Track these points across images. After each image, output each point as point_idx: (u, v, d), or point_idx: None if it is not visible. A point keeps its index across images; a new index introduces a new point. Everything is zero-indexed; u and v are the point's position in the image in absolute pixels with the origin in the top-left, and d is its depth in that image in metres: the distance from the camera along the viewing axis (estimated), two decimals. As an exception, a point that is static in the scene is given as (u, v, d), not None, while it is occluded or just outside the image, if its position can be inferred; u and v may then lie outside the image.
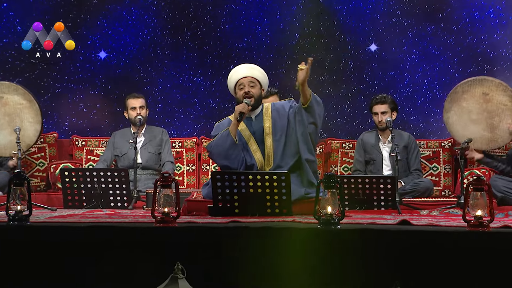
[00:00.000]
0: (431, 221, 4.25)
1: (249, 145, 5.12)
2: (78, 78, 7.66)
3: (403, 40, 7.49)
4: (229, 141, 5.00)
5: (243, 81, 5.15)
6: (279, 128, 5.12)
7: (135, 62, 7.68)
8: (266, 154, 5.10)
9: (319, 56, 7.55)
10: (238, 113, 5.01)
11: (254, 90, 5.14)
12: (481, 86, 5.79)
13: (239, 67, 5.25)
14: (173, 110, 7.69)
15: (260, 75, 5.20)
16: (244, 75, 5.16)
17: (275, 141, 5.09)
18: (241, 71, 5.20)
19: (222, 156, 5.02)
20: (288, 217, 4.43)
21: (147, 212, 5.02)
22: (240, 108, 5.03)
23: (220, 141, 5.02)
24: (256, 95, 5.14)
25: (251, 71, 5.20)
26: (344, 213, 3.89)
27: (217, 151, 5.05)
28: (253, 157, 5.09)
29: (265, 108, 5.24)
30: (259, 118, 5.19)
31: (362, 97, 7.49)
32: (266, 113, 5.20)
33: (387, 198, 5.47)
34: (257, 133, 5.15)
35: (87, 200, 5.72)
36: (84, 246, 3.77)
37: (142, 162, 6.70)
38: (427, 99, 7.44)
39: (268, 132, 5.14)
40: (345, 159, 7.05)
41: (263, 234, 3.76)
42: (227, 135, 5.01)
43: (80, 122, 7.65)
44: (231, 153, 5.00)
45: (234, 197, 4.62)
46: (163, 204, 3.92)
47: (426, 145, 6.98)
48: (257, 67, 5.24)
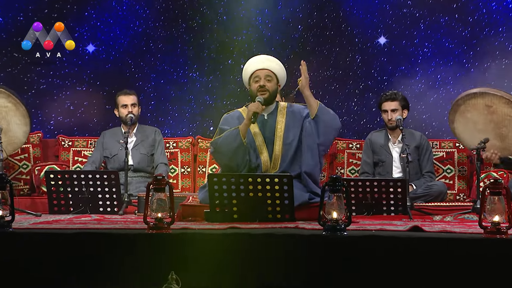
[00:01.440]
0: (445, 228, 4.25)
1: (257, 144, 5.10)
2: (64, 73, 7.66)
3: (414, 32, 7.49)
4: (237, 142, 4.97)
5: (259, 73, 5.12)
6: (291, 132, 5.10)
7: (126, 56, 7.68)
8: (273, 156, 5.09)
9: (324, 49, 7.55)
10: (252, 113, 4.96)
11: (270, 84, 5.11)
12: (482, 98, 5.80)
13: (256, 58, 5.21)
14: (166, 107, 7.69)
15: (278, 69, 5.16)
16: (261, 67, 5.13)
17: (285, 145, 5.08)
18: (257, 62, 5.16)
19: (227, 156, 5.01)
20: (290, 223, 4.43)
21: (139, 218, 5.01)
22: (253, 107, 4.98)
23: (228, 140, 4.99)
24: (271, 90, 5.11)
25: (269, 63, 5.15)
26: (350, 219, 3.89)
27: (223, 150, 5.02)
28: (259, 157, 5.07)
29: (281, 107, 5.21)
30: (272, 117, 5.17)
31: (370, 94, 7.49)
32: (281, 113, 5.18)
33: (397, 202, 5.47)
34: (268, 133, 5.13)
35: (74, 205, 5.72)
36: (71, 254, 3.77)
37: (133, 164, 6.70)
38: (440, 96, 7.44)
39: (280, 134, 5.11)
40: (352, 161, 7.05)
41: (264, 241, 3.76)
42: (236, 135, 4.98)
43: (66, 121, 7.65)
44: (237, 154, 4.99)
45: (233, 202, 4.62)
46: (156, 209, 3.92)
47: (439, 146, 6.98)
48: (275, 60, 5.20)
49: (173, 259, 3.74)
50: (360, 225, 4.36)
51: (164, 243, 3.80)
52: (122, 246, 3.80)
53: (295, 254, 3.72)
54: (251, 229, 4.06)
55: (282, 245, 3.75)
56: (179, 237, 3.84)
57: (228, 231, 3.96)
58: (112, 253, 3.77)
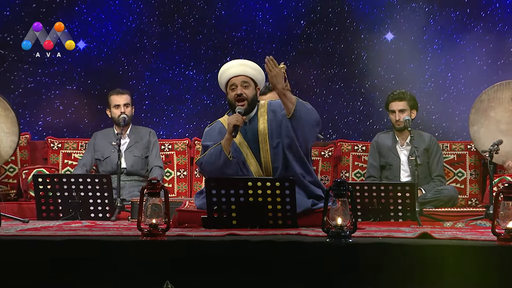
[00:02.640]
0: (456, 235, 4.26)
1: (244, 155, 5.04)
2: (53, 71, 7.66)
3: (423, 28, 7.49)
4: (222, 158, 4.92)
5: (234, 80, 5.06)
6: (276, 132, 5.02)
7: (119, 53, 7.68)
8: (263, 164, 5.03)
9: (328, 46, 7.56)
10: (232, 127, 4.88)
11: (248, 91, 5.05)
12: (509, 89, 5.77)
13: (229, 64, 5.14)
14: (162, 107, 7.69)
15: (254, 73, 5.10)
16: (236, 73, 5.07)
17: (272, 149, 5.01)
18: (232, 69, 5.09)
19: (215, 173, 4.93)
20: (293, 230, 4.44)
21: (133, 224, 5.01)
22: (233, 121, 4.90)
23: (212, 159, 4.95)
24: (249, 97, 5.04)
25: (243, 68, 5.09)
26: (356, 225, 3.90)
27: (210, 169, 4.98)
28: (249, 169, 5.02)
29: (260, 106, 5.14)
30: (254, 120, 5.11)
31: (377, 93, 7.49)
32: (261, 115, 5.11)
33: (405, 208, 5.47)
34: (252, 139, 5.06)
35: (64, 211, 5.72)
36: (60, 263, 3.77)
37: (126, 167, 6.70)
38: (451, 95, 7.45)
39: (264, 138, 5.04)
40: (357, 164, 7.05)
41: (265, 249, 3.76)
42: (220, 152, 4.92)
43: (55, 122, 7.65)
44: (225, 170, 4.93)
45: (232, 207, 4.63)
46: (151, 215, 3.92)
47: (450, 148, 6.98)
48: (250, 63, 5.13)
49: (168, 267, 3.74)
50: (366, 232, 4.36)
51: (159, 251, 3.80)
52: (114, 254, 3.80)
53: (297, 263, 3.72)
54: (251, 236, 4.06)
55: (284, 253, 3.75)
56: (174, 244, 3.84)
57: (226, 238, 3.97)
58: (104, 261, 3.78)
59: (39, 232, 4.39)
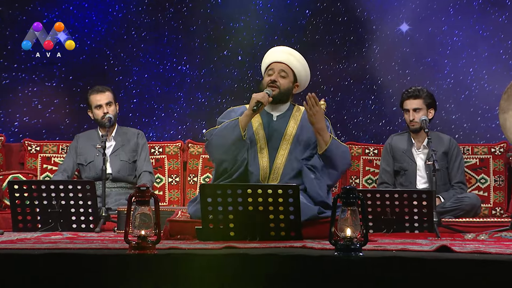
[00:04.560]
0: (478, 248, 4.25)
1: (258, 147, 5.13)
2: (31, 66, 7.67)
3: (442, 18, 7.50)
4: (235, 134, 5.01)
5: (274, 66, 5.20)
6: (304, 140, 5.15)
7: (104, 46, 7.70)
8: (274, 165, 5.11)
9: (336, 39, 7.57)
10: (255, 102, 5.01)
11: (283, 81, 5.17)
12: None
13: (276, 48, 5.29)
14: (151, 106, 7.70)
15: (297, 66, 5.21)
16: (278, 59, 5.20)
17: (290, 155, 5.12)
18: (276, 53, 5.24)
19: (222, 150, 5.04)
20: (297, 242, 4.44)
21: (119, 236, 5.02)
22: (258, 96, 5.04)
23: (225, 132, 5.03)
24: (283, 87, 5.16)
25: (288, 57, 5.22)
26: (367, 237, 3.90)
27: (218, 142, 5.05)
28: (257, 163, 5.09)
29: (296, 110, 5.26)
30: (282, 120, 5.21)
31: (390, 91, 7.51)
32: (294, 118, 5.22)
33: (422, 218, 5.48)
34: (274, 136, 5.16)
35: (43, 221, 5.73)
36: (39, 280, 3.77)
37: (112, 173, 6.71)
38: (473, 93, 7.46)
39: (288, 141, 5.15)
40: (368, 169, 7.06)
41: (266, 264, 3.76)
42: (234, 126, 5.02)
43: (33, 122, 7.66)
44: (234, 149, 5.02)
45: (229, 217, 4.63)
46: (139, 226, 3.92)
47: (471, 151, 6.99)
48: (297, 55, 5.24)
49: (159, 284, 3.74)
50: (379, 245, 4.36)
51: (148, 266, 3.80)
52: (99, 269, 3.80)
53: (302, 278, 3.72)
54: (250, 249, 4.06)
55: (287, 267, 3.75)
56: (166, 258, 3.84)
57: (223, 252, 3.97)
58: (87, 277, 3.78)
59: (15, 245, 4.39)
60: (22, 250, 4.08)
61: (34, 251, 3.96)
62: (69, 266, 3.81)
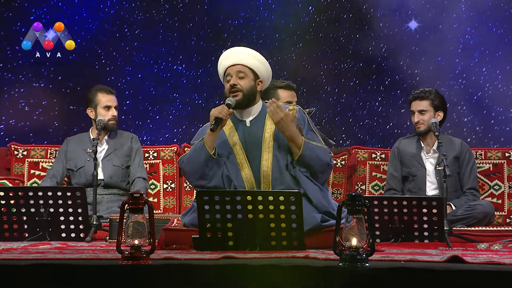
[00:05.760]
0: (492, 258, 4.26)
1: (237, 159, 5.09)
2: (17, 66, 7.68)
3: (453, 14, 7.51)
4: (203, 156, 4.97)
5: (229, 70, 5.14)
6: (284, 144, 5.08)
7: (95, 45, 7.70)
8: (261, 173, 5.05)
9: (341, 36, 7.57)
10: (213, 119, 4.94)
11: (243, 82, 5.09)
12: None
13: (226, 53, 5.22)
14: (145, 108, 7.71)
15: (252, 62, 5.14)
16: (231, 62, 5.14)
17: (275, 159, 5.06)
18: (227, 57, 5.18)
19: (197, 175, 5.02)
20: (299, 252, 4.44)
21: (111, 246, 5.02)
22: (215, 112, 4.96)
23: (194, 156, 5.02)
24: (245, 88, 5.09)
25: (239, 57, 5.15)
26: (374, 247, 3.90)
27: (190, 168, 5.05)
28: (239, 175, 5.06)
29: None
30: (257, 123, 5.15)
31: (398, 92, 7.51)
32: (269, 118, 5.12)
33: (431, 226, 5.48)
34: (251, 144, 5.10)
35: (30, 230, 5.72)
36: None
37: (104, 179, 6.71)
38: (486, 94, 7.47)
39: (268, 144, 5.09)
40: (375, 175, 7.06)
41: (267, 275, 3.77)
42: (201, 148, 4.99)
43: (20, 125, 7.66)
44: (207, 171, 4.99)
45: (227, 225, 4.63)
46: (133, 235, 3.93)
47: (484, 156, 6.99)
48: (248, 51, 5.18)
49: (153, 297, 3.75)
50: (386, 255, 4.37)
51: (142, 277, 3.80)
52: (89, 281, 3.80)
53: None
54: (250, 259, 4.07)
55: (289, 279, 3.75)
56: (160, 269, 3.84)
57: (221, 262, 3.97)
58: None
59: (0, 256, 4.39)
60: (8, 260, 4.08)
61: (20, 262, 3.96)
62: (58, 278, 3.81)
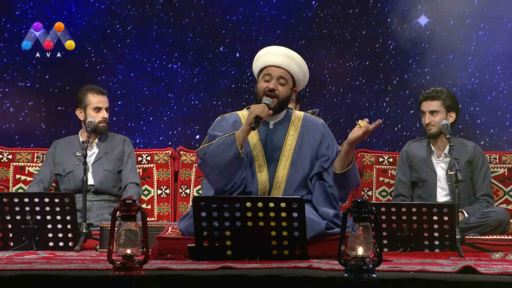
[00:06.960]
0: (507, 269, 4.26)
1: (255, 160, 5.12)
2: (2, 64, 7.68)
3: (465, 9, 7.51)
4: (232, 153, 4.98)
5: (271, 71, 5.15)
6: (305, 150, 5.14)
7: (85, 42, 7.71)
8: (275, 179, 5.09)
9: (346, 33, 7.58)
10: (254, 116, 4.98)
11: (283, 89, 5.13)
12: None
13: (273, 50, 5.23)
14: (138, 109, 7.71)
15: (297, 71, 5.18)
16: (277, 63, 5.15)
17: (294, 166, 5.11)
18: (274, 56, 5.18)
19: (218, 170, 5.03)
20: (302, 262, 4.44)
21: (102, 255, 5.02)
22: (257, 110, 4.99)
23: (220, 149, 5.01)
24: (282, 96, 5.13)
25: (288, 61, 5.17)
26: (381, 257, 3.90)
27: (213, 162, 5.04)
28: (255, 177, 5.09)
29: (295, 116, 5.24)
30: (280, 128, 5.19)
31: (407, 92, 7.52)
32: (294, 125, 5.20)
33: (443, 235, 5.48)
34: (272, 147, 5.15)
35: (15, 239, 5.72)
36: (12, 304, 3.78)
37: (94, 184, 6.72)
38: (500, 94, 7.47)
39: (288, 151, 5.14)
40: (382, 180, 7.07)
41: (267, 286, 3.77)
42: (231, 143, 4.98)
43: (5, 127, 7.66)
44: (232, 169, 5.00)
45: (226, 233, 4.63)
46: (125, 244, 3.93)
47: (499, 160, 6.99)
48: (297, 58, 5.21)
49: (146, 309, 3.75)
50: (394, 265, 4.37)
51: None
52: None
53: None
54: (250, 269, 4.07)
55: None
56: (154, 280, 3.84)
57: (219, 273, 3.97)
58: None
59: (-15, 265, 4.40)
60: (-7, 271, 4.09)
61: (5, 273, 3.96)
62: (46, 289, 3.82)
